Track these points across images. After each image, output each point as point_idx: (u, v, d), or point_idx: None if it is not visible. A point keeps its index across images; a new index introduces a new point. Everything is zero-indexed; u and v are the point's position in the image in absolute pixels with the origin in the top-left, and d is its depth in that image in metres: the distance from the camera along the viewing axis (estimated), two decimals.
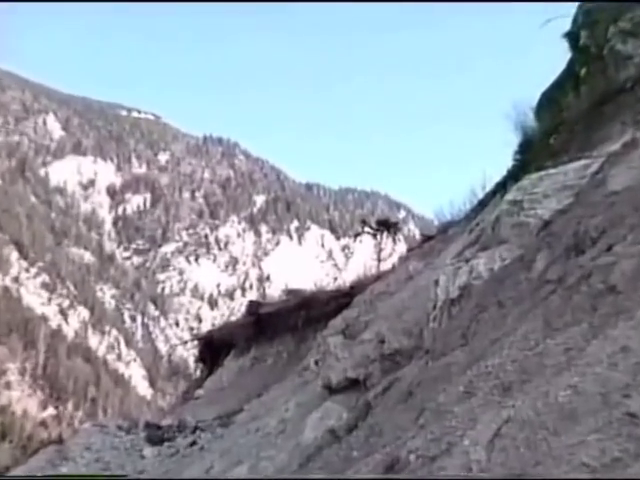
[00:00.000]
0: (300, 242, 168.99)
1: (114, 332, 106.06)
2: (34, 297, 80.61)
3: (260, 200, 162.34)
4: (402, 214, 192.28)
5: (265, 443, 6.02)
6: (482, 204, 9.12)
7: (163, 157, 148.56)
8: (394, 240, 26.48)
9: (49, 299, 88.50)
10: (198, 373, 17.67)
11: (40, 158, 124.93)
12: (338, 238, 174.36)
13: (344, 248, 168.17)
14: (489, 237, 4.72)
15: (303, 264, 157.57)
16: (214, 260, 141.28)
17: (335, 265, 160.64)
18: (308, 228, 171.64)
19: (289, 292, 22.82)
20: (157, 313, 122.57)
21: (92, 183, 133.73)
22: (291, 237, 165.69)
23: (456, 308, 4.44)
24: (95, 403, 70.18)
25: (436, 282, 5.32)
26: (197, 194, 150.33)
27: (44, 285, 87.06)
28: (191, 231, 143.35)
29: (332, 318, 11.31)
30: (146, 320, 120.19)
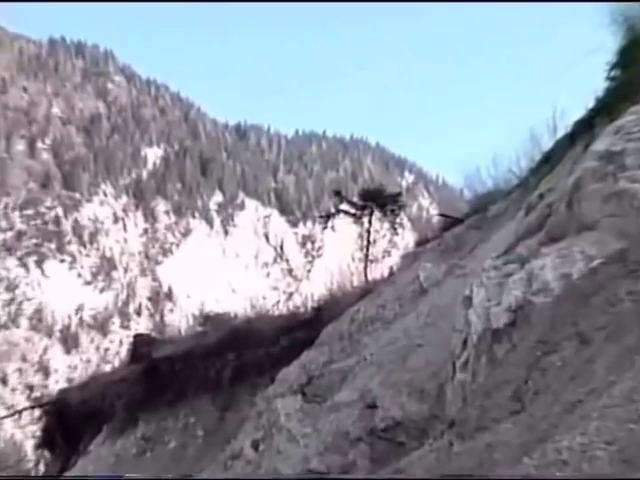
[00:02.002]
0: (226, 230, 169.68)
1: None
2: None
3: (153, 156, 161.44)
4: (408, 179, 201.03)
5: None
6: (548, 161, 9.28)
7: None
8: (393, 226, 27.05)
9: None
10: (42, 467, 17.35)
11: None
12: (294, 224, 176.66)
13: (305, 241, 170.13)
14: (562, 220, 4.76)
15: (231, 269, 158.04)
16: (71, 264, 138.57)
17: (289, 270, 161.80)
18: (240, 206, 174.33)
19: (206, 319, 22.65)
20: None
21: None
22: (210, 222, 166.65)
23: (504, 346, 4.41)
24: None
25: (468, 300, 5.30)
26: (39, 145, 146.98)
27: None
28: (27, 212, 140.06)
29: (283, 365, 11.30)
30: None
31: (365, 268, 23.06)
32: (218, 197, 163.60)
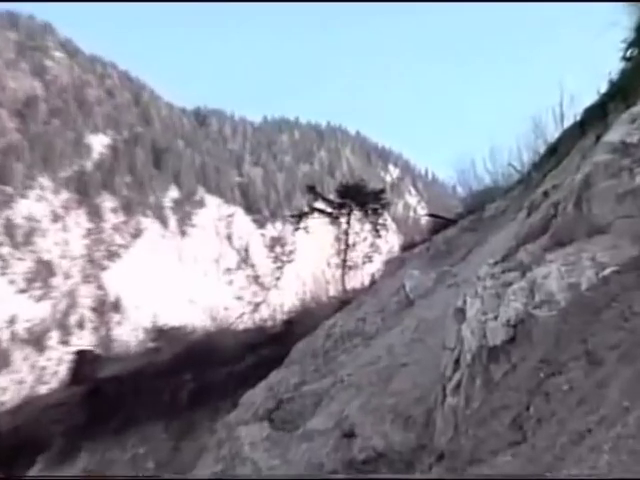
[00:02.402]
0: (183, 231, 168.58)
1: None
2: None
3: (98, 144, 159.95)
4: (393, 173, 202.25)
5: None
6: (553, 153, 9.33)
7: None
8: (375, 227, 27.15)
9: None
10: None
11: None
12: (262, 224, 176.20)
13: (274, 243, 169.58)
14: (570, 221, 4.78)
15: (189, 276, 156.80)
16: (2, 269, 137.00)
17: (255, 277, 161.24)
18: (200, 203, 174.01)
19: (160, 334, 22.53)
20: None
21: None
22: (164, 221, 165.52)
23: (502, 366, 4.42)
24: None
25: (460, 313, 5.31)
26: None
27: None
28: None
29: (248, 387, 11.27)
30: None
31: (343, 275, 23.08)
32: (174, 192, 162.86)
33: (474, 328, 4.82)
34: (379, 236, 26.17)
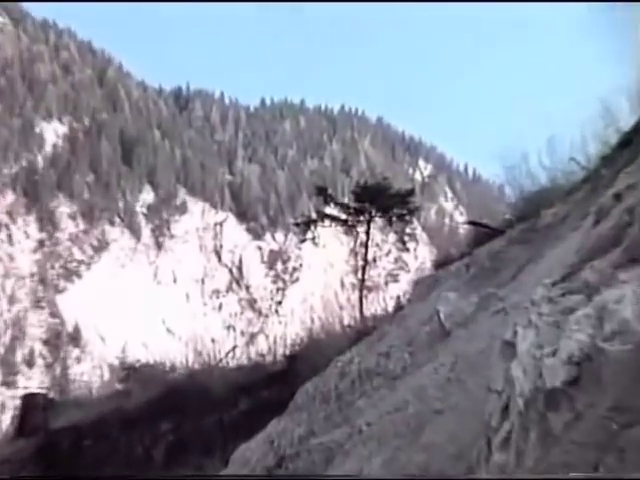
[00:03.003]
0: (159, 244, 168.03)
1: None
2: None
3: (52, 134, 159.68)
4: (424, 170, 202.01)
5: None
6: (628, 145, 9.28)
7: None
8: (401, 238, 27.08)
9: None
10: None
11: None
12: (258, 234, 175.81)
13: (274, 259, 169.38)
14: None
15: (166, 299, 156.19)
16: None
17: (251, 302, 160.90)
18: (180, 208, 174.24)
19: (130, 372, 22.51)
20: None
21: None
22: (135, 231, 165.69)
23: (563, 415, 4.41)
24: None
25: (510, 347, 5.31)
26: None
27: None
28: None
29: (241, 440, 11.27)
30: None
31: (360, 299, 23.01)
32: (148, 195, 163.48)
33: (527, 366, 4.82)
34: (406, 249, 26.21)
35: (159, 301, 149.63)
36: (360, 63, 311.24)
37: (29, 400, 20.19)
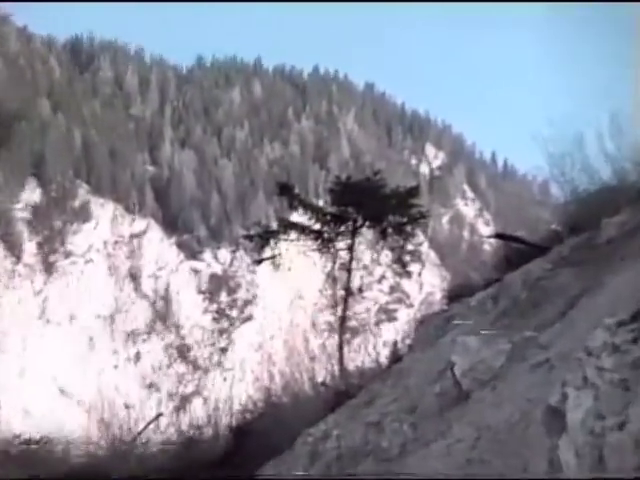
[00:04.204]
0: (49, 265, 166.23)
1: None
2: None
3: None
4: (433, 160, 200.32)
5: None
6: None
7: None
8: (399, 258, 26.93)
9: None
10: None
11: None
12: (193, 252, 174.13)
13: (216, 287, 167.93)
14: None
15: (59, 345, 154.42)
16: None
17: (181, 349, 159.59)
18: (80, 212, 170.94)
19: (9, 456, 22.32)
20: None
21: None
22: (14, 247, 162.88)
23: None
24: None
25: (554, 416, 5.32)
26: None
27: None
28: None
29: None
30: None
31: (340, 345, 22.92)
32: (32, 193, 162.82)
33: (582, 444, 4.84)
34: (407, 274, 26.26)
35: (48, 348, 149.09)
36: (342, 8, 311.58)
37: None
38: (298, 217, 27.00)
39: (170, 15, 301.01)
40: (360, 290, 24.72)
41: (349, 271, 24.65)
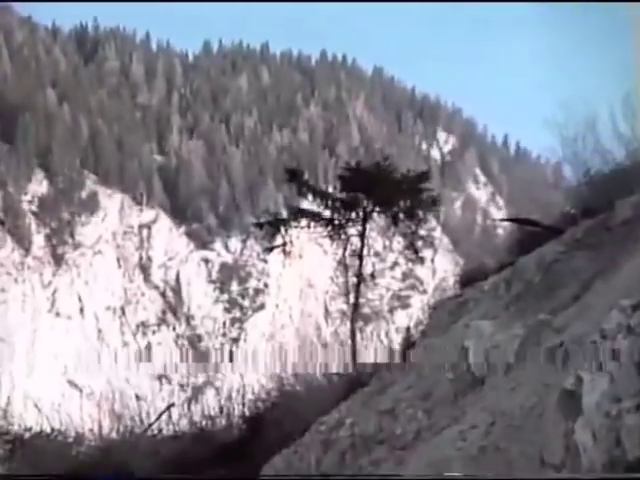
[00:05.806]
0: (57, 257, 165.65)
1: None
2: None
3: None
4: (444, 145, 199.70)
5: None
6: None
7: None
8: (411, 244, 26.87)
9: None
10: None
11: None
12: (203, 241, 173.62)
13: (227, 276, 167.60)
14: None
15: (67, 336, 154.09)
16: None
17: (193, 339, 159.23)
18: (88, 203, 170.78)
19: (22, 446, 22.27)
20: None
21: None
22: (22, 239, 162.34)
23: None
24: None
25: (570, 401, 5.29)
26: None
27: None
28: None
29: None
30: None
31: (353, 333, 22.86)
32: (40, 185, 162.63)
33: (598, 428, 4.82)
34: (419, 260, 26.18)
35: (58, 341, 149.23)
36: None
37: None
38: (308, 204, 26.94)
39: (175, 1, 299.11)
40: (372, 277, 24.67)
41: (361, 258, 24.60)
